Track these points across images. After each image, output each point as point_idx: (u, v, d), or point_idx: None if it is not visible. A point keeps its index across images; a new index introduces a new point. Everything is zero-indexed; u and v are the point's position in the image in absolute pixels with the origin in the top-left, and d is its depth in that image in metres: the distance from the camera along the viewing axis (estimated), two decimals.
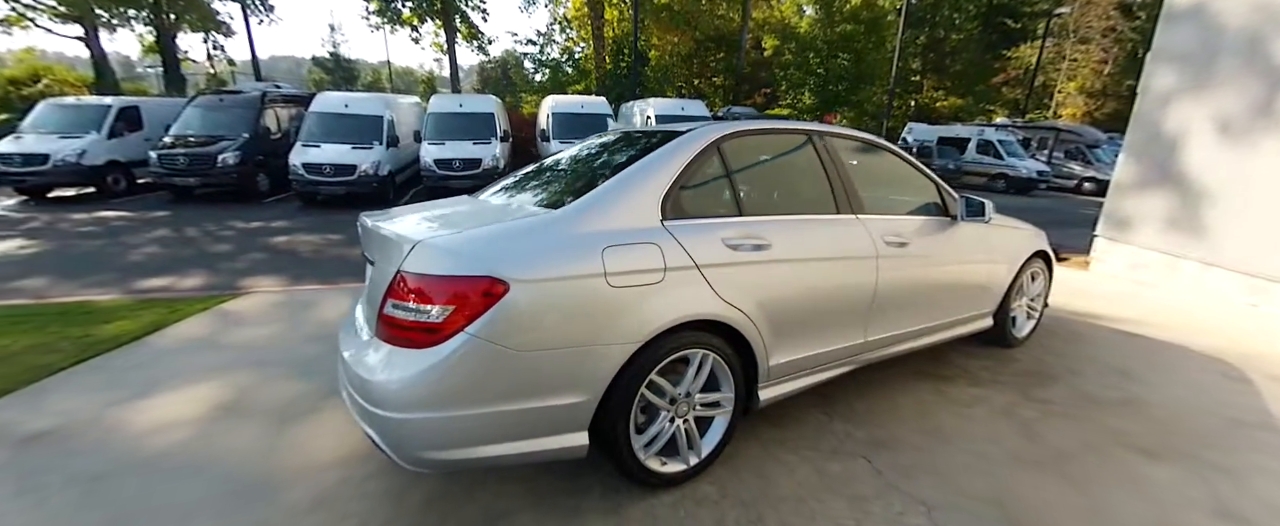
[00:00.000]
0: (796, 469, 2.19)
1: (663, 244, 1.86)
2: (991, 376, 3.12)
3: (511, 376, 1.63)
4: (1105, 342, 3.73)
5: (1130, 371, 3.23)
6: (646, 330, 1.79)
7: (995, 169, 16.32)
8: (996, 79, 22.90)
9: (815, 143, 2.51)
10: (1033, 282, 3.61)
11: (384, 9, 18.75)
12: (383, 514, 1.93)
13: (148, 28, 18.53)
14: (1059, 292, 4.94)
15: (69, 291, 5.26)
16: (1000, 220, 3.36)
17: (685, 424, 2.04)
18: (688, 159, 2.07)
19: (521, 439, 1.71)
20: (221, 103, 11.44)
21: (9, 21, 15.95)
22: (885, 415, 2.64)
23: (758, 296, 2.07)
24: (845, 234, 2.39)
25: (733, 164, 2.23)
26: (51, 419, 2.66)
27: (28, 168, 10.14)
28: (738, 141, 2.28)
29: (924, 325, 2.85)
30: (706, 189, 2.16)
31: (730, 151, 2.24)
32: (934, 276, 2.81)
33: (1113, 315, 4.36)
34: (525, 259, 1.66)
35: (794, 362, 2.28)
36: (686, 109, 12.67)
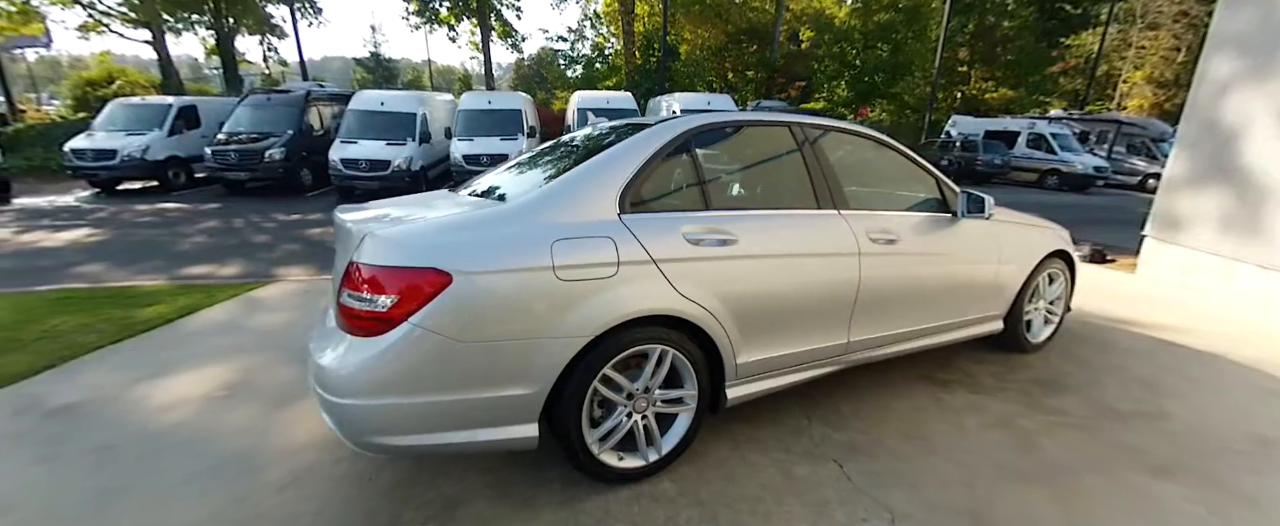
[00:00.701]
0: (763, 470, 2.13)
1: (617, 238, 1.84)
2: (997, 383, 2.95)
3: (456, 367, 1.66)
4: (1136, 351, 3.47)
5: (1157, 382, 2.99)
6: (596, 324, 1.77)
7: (1047, 165, 15.41)
8: (1053, 69, 21.49)
9: (797, 136, 2.43)
10: (1051, 284, 3.38)
11: (423, 9, 19.43)
12: (345, 495, 2.00)
13: (209, 31, 19.72)
14: (1096, 296, 4.63)
15: (122, 277, 5.69)
16: (1014, 216, 3.17)
17: (644, 420, 2.02)
18: (650, 153, 2.04)
19: (469, 428, 1.73)
20: (269, 101, 12.09)
21: (87, 28, 17.33)
22: (871, 419, 2.54)
23: (722, 292, 2.02)
24: (824, 230, 2.31)
25: (702, 158, 2.18)
26: (79, 393, 2.88)
27: (99, 162, 11.01)
28: (709, 135, 2.23)
29: (919, 327, 2.72)
30: (672, 183, 2.13)
31: (701, 145, 2.19)
32: (930, 275, 2.67)
33: (1151, 322, 4.04)
34: (469, 251, 1.68)
35: (766, 361, 2.22)
36: (712, 103, 12.50)
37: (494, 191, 2.17)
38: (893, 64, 16.86)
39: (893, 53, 17.09)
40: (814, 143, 2.46)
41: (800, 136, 2.43)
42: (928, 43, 19.28)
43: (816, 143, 2.47)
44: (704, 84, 19.56)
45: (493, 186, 2.25)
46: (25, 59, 30.78)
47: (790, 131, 2.44)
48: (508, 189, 2.14)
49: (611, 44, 21.52)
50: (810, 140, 2.45)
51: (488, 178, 2.44)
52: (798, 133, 2.44)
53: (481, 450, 1.79)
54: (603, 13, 21.58)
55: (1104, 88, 24.17)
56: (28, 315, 4.17)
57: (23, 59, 30.97)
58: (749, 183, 2.47)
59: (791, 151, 2.42)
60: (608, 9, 21.25)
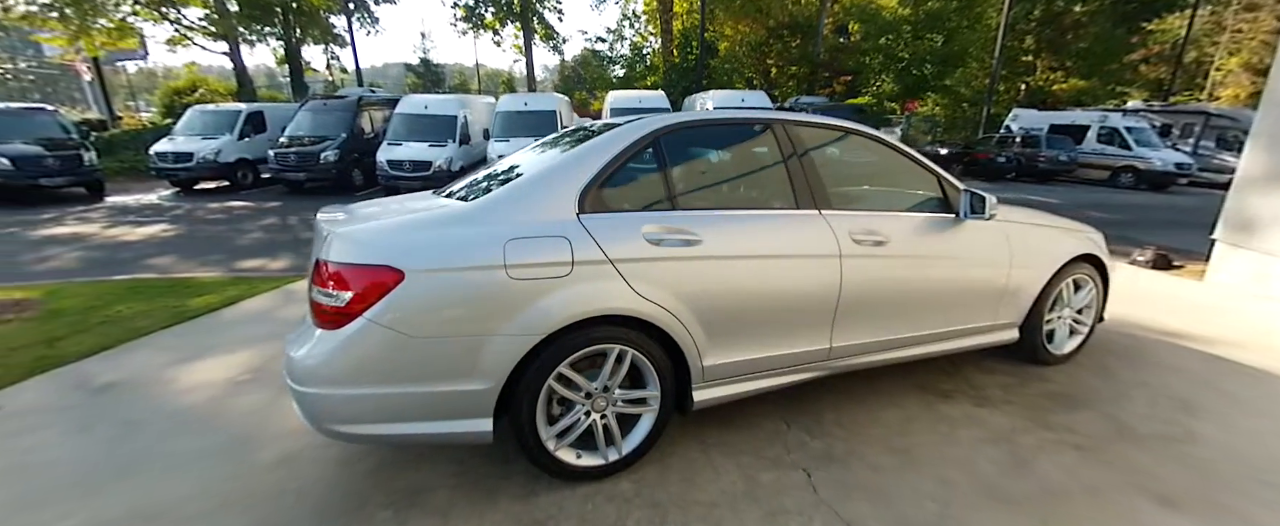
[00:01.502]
0: (727, 475, 2.10)
1: (573, 238, 1.86)
2: (1005, 396, 2.77)
3: (409, 360, 1.73)
4: (1177, 366, 3.16)
5: (1193, 402, 2.71)
6: (548, 323, 1.80)
7: (1120, 161, 14.21)
8: (1133, 56, 19.65)
9: (778, 134, 2.37)
10: (1077, 292, 3.13)
11: (469, 15, 20.23)
12: (329, 478, 2.12)
13: (279, 42, 21.19)
14: (1149, 305, 4.27)
15: (187, 268, 6.24)
16: (1032, 217, 2.96)
17: (603, 419, 2.03)
18: (614, 154, 2.04)
19: (424, 420, 1.80)
20: (325, 107, 12.88)
21: (173, 41, 19.04)
22: (854, 428, 2.44)
23: (684, 293, 2.01)
24: (800, 230, 2.23)
25: (671, 158, 2.17)
26: (123, 373, 3.19)
27: (178, 164, 12.09)
28: (680, 135, 2.21)
29: (914, 334, 2.59)
30: (637, 183, 2.12)
31: (670, 145, 2.18)
32: (926, 279, 2.54)
33: (1205, 335, 3.67)
34: (422, 250, 1.75)
35: (736, 364, 2.18)
36: (747, 100, 12.30)
37: (467, 192, 2.24)
38: (944, 55, 15.89)
39: (945, 43, 16.10)
40: (797, 141, 2.38)
41: (781, 135, 2.37)
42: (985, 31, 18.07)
43: (800, 141, 2.39)
44: (743, 81, 19.19)
45: (470, 188, 2.32)
46: (126, 71, 34.06)
47: (771, 130, 2.38)
48: (478, 190, 2.20)
49: (651, 43, 21.56)
50: (793, 139, 2.38)
51: (468, 179, 2.51)
52: (779, 131, 2.37)
53: (438, 441, 1.85)
54: (644, 11, 21.64)
55: (1193, 76, 21.93)
56: (100, 301, 4.65)
57: (124, 71, 34.30)
58: (723, 182, 2.43)
59: (770, 150, 2.36)
60: (648, 8, 21.28)
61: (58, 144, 11.12)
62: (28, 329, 4.00)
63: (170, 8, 18.87)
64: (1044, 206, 12.06)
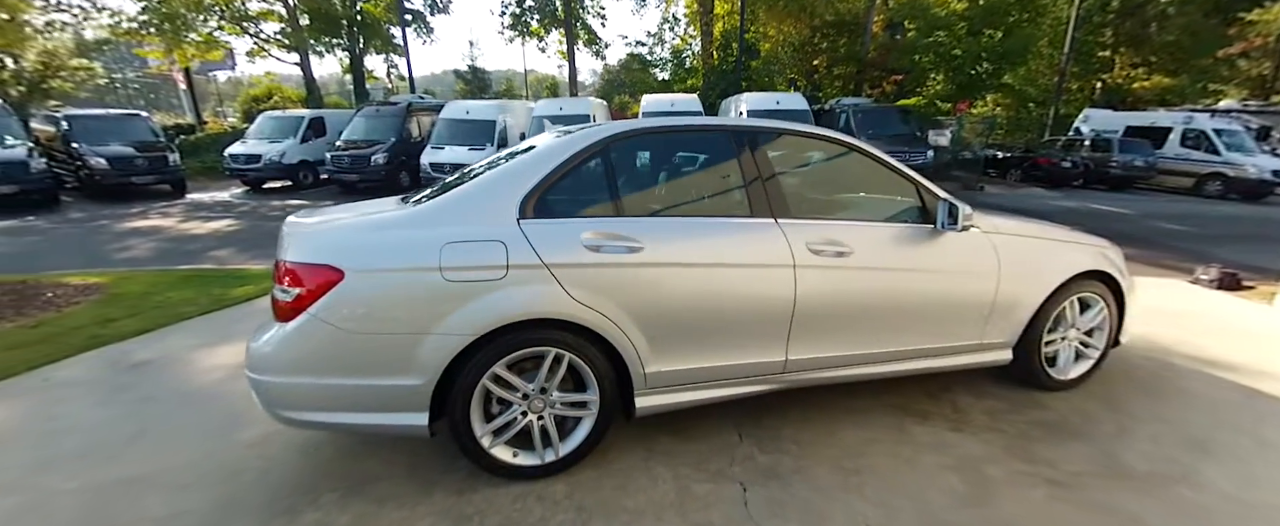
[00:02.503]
0: (662, 483, 2.09)
1: (509, 243, 1.92)
2: (989, 422, 2.59)
3: (347, 354, 1.83)
4: (1205, 400, 2.85)
5: (1210, 442, 2.44)
6: (480, 324, 1.86)
7: (1207, 167, 12.88)
8: (1231, 50, 17.64)
9: (738, 142, 2.32)
10: (1084, 312, 2.88)
11: (516, 22, 21.01)
12: (291, 461, 2.27)
13: (345, 52, 22.63)
14: (1194, 328, 3.90)
15: (241, 260, 6.80)
16: (1028, 228, 2.76)
17: (540, 420, 2.07)
18: (561, 160, 2.08)
19: (362, 411, 1.90)
20: (378, 112, 13.67)
21: (252, 53, 20.78)
22: (811, 445, 2.36)
23: (625, 300, 2.02)
24: (751, 239, 2.19)
25: (621, 165, 2.19)
26: (155, 353, 3.54)
27: (248, 165, 13.17)
28: (632, 142, 2.23)
29: (884, 350, 2.47)
30: (584, 190, 2.15)
31: (621, 152, 2.20)
32: (897, 293, 2.42)
33: (1253, 366, 3.28)
34: (363, 251, 1.85)
35: (681, 373, 2.17)
36: (782, 103, 12.07)
37: (430, 197, 2.33)
38: (1000, 51, 14.85)
39: (1004, 39, 15.03)
40: (758, 148, 2.34)
41: (741, 142, 2.33)
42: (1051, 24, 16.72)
43: (761, 148, 2.35)
44: (785, 82, 18.71)
45: (433, 192, 2.42)
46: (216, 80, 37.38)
47: (731, 137, 2.34)
48: (430, 195, 2.27)
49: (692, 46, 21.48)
50: (754, 145, 2.33)
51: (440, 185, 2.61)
52: (739, 138, 2.33)
53: (377, 432, 1.96)
54: (686, 13, 21.63)
55: None
56: (156, 288, 5.15)
57: (214, 80, 37.64)
58: (676, 189, 2.41)
59: (728, 157, 2.32)
60: (690, 9, 21.24)
61: (147, 146, 12.36)
62: (91, 311, 4.49)
63: (250, 23, 20.62)
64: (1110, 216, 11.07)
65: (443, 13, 22.98)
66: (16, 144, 10.87)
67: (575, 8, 20.56)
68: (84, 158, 11.58)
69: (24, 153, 10.74)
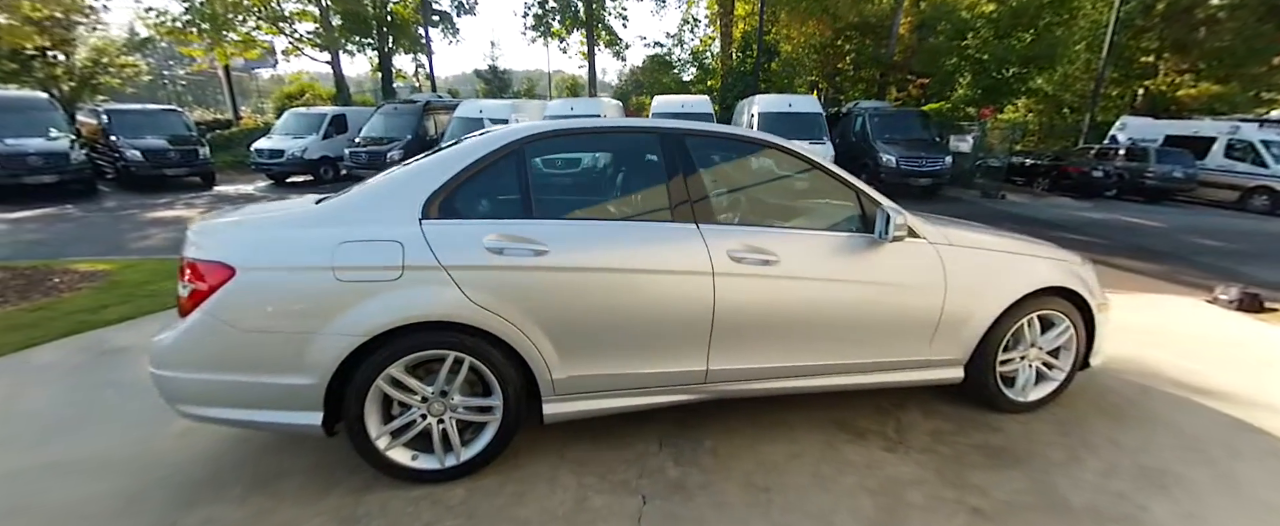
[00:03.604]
0: (563, 493, 2.04)
1: (407, 243, 1.90)
2: (930, 443, 2.46)
3: (238, 351, 1.85)
4: (1175, 429, 2.64)
5: (1167, 475, 2.26)
6: (372, 325, 1.85)
7: (1254, 180, 12.09)
8: None
9: (663, 144, 2.26)
10: (1046, 331, 2.70)
11: (538, 23, 21.36)
12: (211, 453, 2.31)
13: (374, 52, 23.27)
14: (1197, 351, 3.68)
15: None
16: (985, 239, 2.60)
17: (441, 424, 2.04)
18: (471, 161, 2.06)
19: (258, 408, 1.91)
20: (396, 111, 14.00)
21: (288, 52, 21.57)
22: (729, 459, 2.28)
23: (528, 304, 1.98)
24: (666, 244, 2.12)
25: (534, 166, 2.15)
26: (132, 340, 3.66)
27: (272, 160, 13.64)
28: (549, 143, 2.19)
29: (817, 363, 2.37)
30: (494, 191, 2.13)
31: (536, 153, 2.16)
32: (830, 304, 2.31)
33: (1243, 395, 3.03)
34: (255, 249, 1.87)
35: (591, 379, 2.12)
36: (794, 105, 11.87)
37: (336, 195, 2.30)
38: (1028, 55, 14.17)
39: (1033, 42, 14.34)
40: (685, 151, 2.27)
41: (668, 144, 2.26)
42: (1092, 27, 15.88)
43: (689, 151, 2.28)
44: (805, 84, 18.34)
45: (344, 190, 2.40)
46: (258, 77, 38.94)
47: (657, 139, 2.28)
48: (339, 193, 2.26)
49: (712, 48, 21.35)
50: (681, 148, 2.26)
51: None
52: (666, 140, 2.27)
53: (274, 430, 1.97)
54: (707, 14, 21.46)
55: None
56: (155, 277, 5.35)
57: (257, 77, 39.20)
58: (595, 192, 2.36)
59: (652, 160, 2.26)
60: (711, 10, 21.11)
61: (181, 140, 12.92)
62: (87, 297, 4.69)
63: (285, 23, 21.41)
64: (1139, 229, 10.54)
65: (469, 14, 23.43)
66: (60, 136, 11.49)
67: (597, 9, 20.73)
68: (121, 150, 12.20)
69: (66, 144, 11.34)
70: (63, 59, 16.64)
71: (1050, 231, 8.99)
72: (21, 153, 10.73)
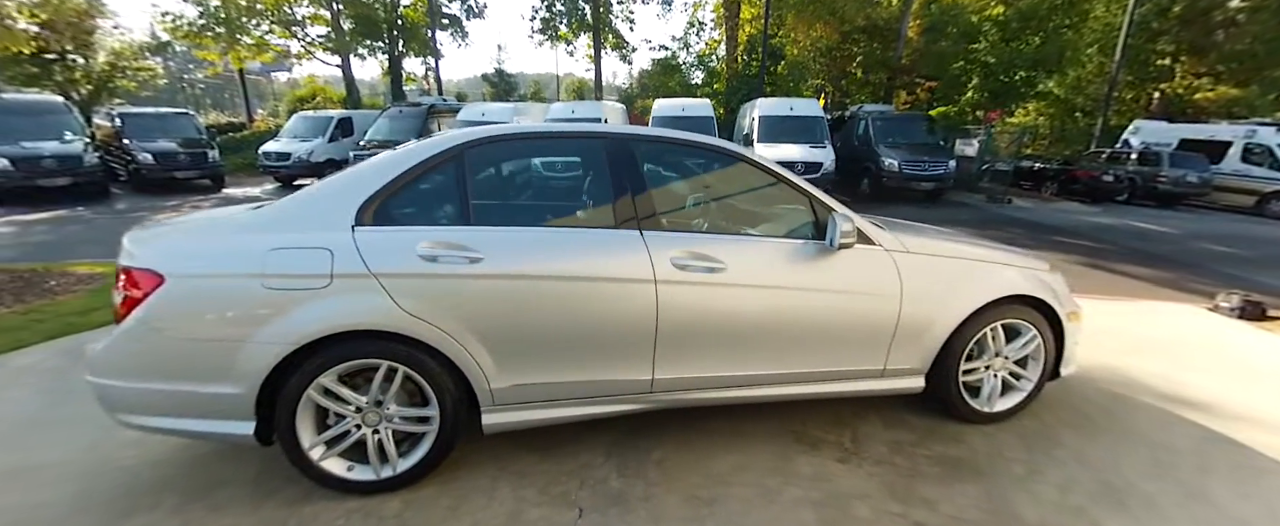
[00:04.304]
0: (500, 506, 2.02)
1: (336, 250, 1.89)
2: (886, 454, 2.39)
3: (168, 360, 1.85)
4: (1148, 442, 2.54)
5: (1131, 491, 2.17)
6: (301, 334, 1.84)
7: (1271, 185, 11.76)
8: None
9: (609, 150, 2.23)
10: (1012, 340, 2.62)
11: (546, 27, 21.54)
12: (160, 460, 2.30)
13: (384, 56, 23.57)
14: (1187, 360, 3.57)
15: None
16: (945, 246, 2.53)
17: (376, 434, 2.03)
18: (408, 166, 2.05)
19: (190, 417, 1.91)
20: (401, 114, 14.12)
21: (300, 55, 21.90)
22: (675, 471, 2.24)
23: (463, 313, 1.96)
24: (607, 252, 2.08)
25: (475, 172, 2.13)
26: None
27: (279, 162, 13.84)
28: (491, 148, 2.17)
29: (769, 373, 2.32)
30: (432, 197, 2.11)
31: (477, 159, 2.14)
32: (780, 313, 2.25)
33: (1228, 407, 2.92)
34: (185, 256, 1.87)
35: (532, 389, 2.09)
36: (795, 108, 11.76)
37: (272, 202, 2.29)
38: (1036, 58, 13.88)
39: (1042, 45, 14.04)
40: (631, 157, 2.23)
41: (614, 150, 2.23)
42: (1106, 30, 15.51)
43: (635, 157, 2.24)
44: (810, 88, 18.18)
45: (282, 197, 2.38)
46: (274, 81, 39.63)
47: (603, 145, 2.25)
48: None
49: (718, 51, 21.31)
50: (627, 154, 2.23)
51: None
52: (612, 146, 2.24)
53: (208, 439, 1.97)
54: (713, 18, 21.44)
55: None
56: None
57: (273, 81, 39.90)
58: (538, 198, 2.33)
59: (597, 166, 2.24)
60: (717, 13, 21.07)
61: (191, 143, 13.16)
62: (80, 300, 4.77)
63: (298, 26, 21.77)
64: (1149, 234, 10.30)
65: (478, 17, 23.64)
66: (74, 139, 11.75)
67: (603, 13, 20.83)
68: (133, 152, 12.45)
69: (80, 147, 11.59)
70: (82, 62, 17.10)
71: (1053, 236, 8.80)
72: (37, 156, 10.99)
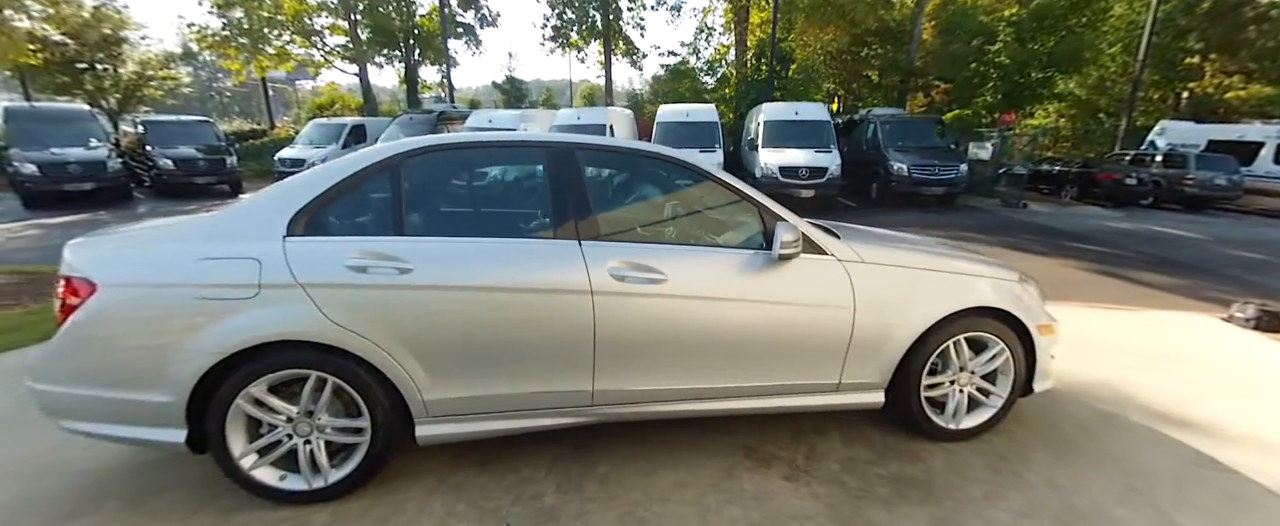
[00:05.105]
0: (428, 519, 1.99)
1: (265, 260, 1.89)
2: (837, 473, 2.30)
3: (100, 367, 1.87)
4: (1125, 464, 2.40)
5: (1095, 515, 2.05)
6: (228, 343, 1.84)
7: None
8: None
9: (550, 159, 2.19)
10: (979, 354, 2.51)
11: (557, 34, 21.77)
12: (110, 463, 2.34)
13: (401, 64, 24.02)
14: (1187, 375, 3.40)
15: None
16: (904, 256, 2.43)
17: (308, 444, 2.02)
18: (343, 176, 2.04)
19: (123, 423, 1.92)
20: (411, 120, 14.37)
21: (319, 65, 22.45)
22: (617, 487, 2.18)
23: (393, 324, 1.94)
24: (542, 262, 2.05)
25: (411, 182, 2.11)
26: None
27: (294, 168, 14.14)
28: (429, 157, 2.15)
29: (716, 386, 2.26)
30: (366, 207, 2.10)
31: (414, 169, 2.13)
32: (724, 326, 2.19)
33: (1222, 426, 2.76)
34: (118, 265, 1.89)
35: (467, 401, 2.06)
36: (801, 113, 11.60)
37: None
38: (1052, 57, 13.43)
39: (1058, 44, 13.60)
40: (573, 166, 2.19)
41: (555, 159, 2.19)
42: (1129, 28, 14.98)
43: (578, 167, 2.20)
44: (821, 92, 17.91)
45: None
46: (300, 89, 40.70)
47: (544, 154, 2.22)
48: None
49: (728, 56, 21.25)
50: (568, 163, 2.19)
51: None
52: (553, 155, 2.20)
53: (144, 445, 1.98)
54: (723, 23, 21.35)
55: None
56: None
57: (298, 89, 40.97)
58: (476, 208, 2.30)
59: (537, 175, 2.20)
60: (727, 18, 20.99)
61: (211, 149, 13.57)
62: None
63: (317, 36, 22.34)
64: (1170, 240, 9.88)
65: (491, 25, 23.96)
66: (99, 146, 12.22)
67: (614, 20, 20.95)
68: (155, 159, 12.88)
69: (104, 154, 12.04)
70: (111, 71, 17.81)
71: (1067, 242, 8.50)
72: (63, 161, 11.44)
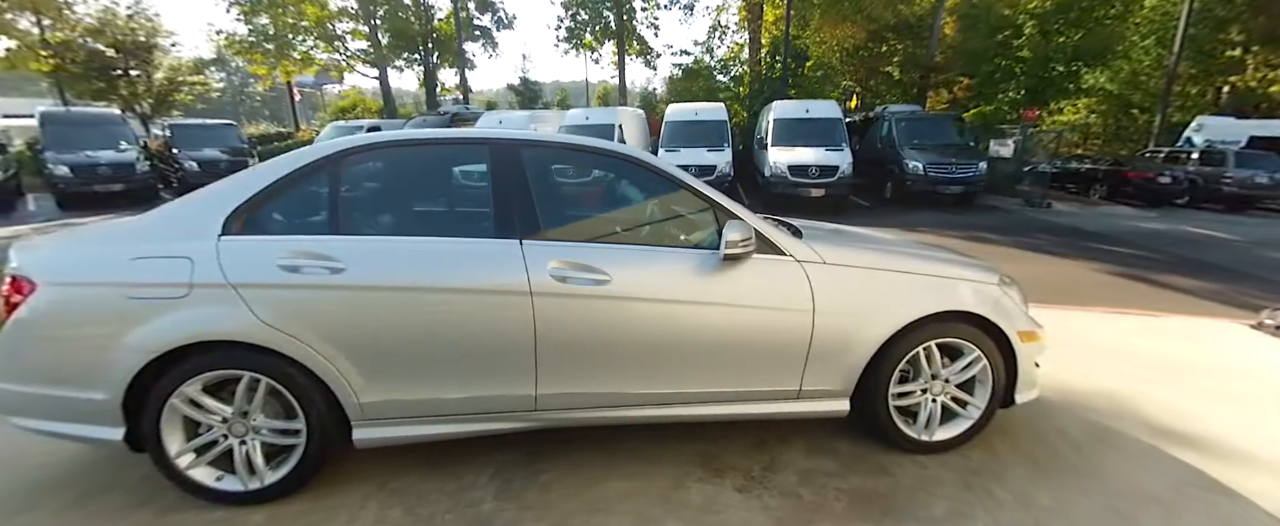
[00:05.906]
0: (358, 523, 1.94)
1: (196, 260, 1.87)
2: (794, 485, 2.18)
3: (41, 365, 1.88)
4: (1111, 484, 2.22)
5: None
6: (159, 343, 1.83)
7: None
8: None
9: (493, 156, 2.13)
10: (954, 362, 2.35)
11: (571, 36, 21.92)
12: (65, 462, 2.33)
13: (420, 68, 24.48)
14: (1196, 390, 3.17)
15: None
16: (870, 257, 2.29)
17: (243, 445, 1.99)
18: (280, 175, 2.02)
19: (63, 420, 1.93)
20: (424, 122, 14.60)
21: (342, 68, 23.01)
22: (559, 495, 2.10)
23: (324, 325, 1.91)
24: (479, 262, 1.99)
25: (349, 181, 2.08)
26: None
27: None
28: (369, 156, 2.12)
29: (664, 391, 2.16)
30: (304, 206, 2.08)
31: (353, 167, 2.09)
32: (673, 328, 2.10)
33: (1228, 445, 2.54)
34: (56, 264, 1.90)
35: (403, 404, 2.02)
36: (811, 110, 11.37)
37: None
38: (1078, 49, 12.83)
39: (1084, 36, 12.96)
40: (516, 163, 2.13)
41: (498, 156, 2.14)
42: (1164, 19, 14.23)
43: (522, 164, 2.14)
44: (839, 90, 17.53)
45: None
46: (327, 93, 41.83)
47: (487, 151, 2.16)
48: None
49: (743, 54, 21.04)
50: (512, 161, 2.13)
51: None
52: (497, 152, 2.14)
53: (86, 442, 1.99)
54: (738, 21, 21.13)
55: None
56: None
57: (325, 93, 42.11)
58: (417, 207, 2.25)
59: (480, 173, 2.14)
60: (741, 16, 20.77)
61: (233, 151, 13.98)
62: None
63: (339, 41, 22.91)
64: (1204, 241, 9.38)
65: (507, 28, 24.24)
66: (128, 148, 12.72)
67: (628, 20, 21.00)
68: (180, 161, 13.34)
69: (133, 156, 12.53)
70: (144, 77, 18.56)
71: (1091, 243, 8.12)
72: (94, 163, 11.93)
